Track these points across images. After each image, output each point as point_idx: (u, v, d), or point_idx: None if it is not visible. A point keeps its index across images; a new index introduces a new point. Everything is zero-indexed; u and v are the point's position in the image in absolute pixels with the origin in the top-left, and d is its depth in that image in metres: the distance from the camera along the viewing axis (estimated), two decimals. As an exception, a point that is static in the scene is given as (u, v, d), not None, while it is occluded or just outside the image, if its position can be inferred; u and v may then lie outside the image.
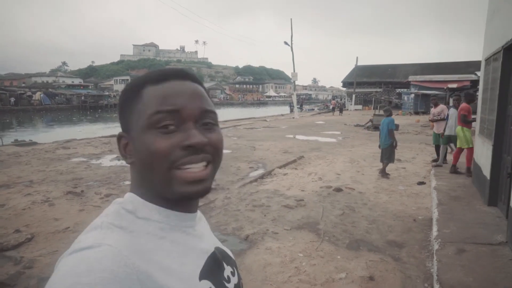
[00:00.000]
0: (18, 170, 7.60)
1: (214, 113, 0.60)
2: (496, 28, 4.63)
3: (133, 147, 0.59)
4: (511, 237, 3.21)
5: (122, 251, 0.49)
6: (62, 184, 6.40)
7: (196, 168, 0.55)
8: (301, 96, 63.40)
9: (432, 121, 8.74)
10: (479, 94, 5.85)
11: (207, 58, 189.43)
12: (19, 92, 44.67)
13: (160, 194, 0.58)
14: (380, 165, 7.76)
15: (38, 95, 45.02)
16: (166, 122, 0.55)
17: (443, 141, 7.77)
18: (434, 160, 8.21)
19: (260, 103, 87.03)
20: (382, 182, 6.84)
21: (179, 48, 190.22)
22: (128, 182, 6.66)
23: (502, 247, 3.26)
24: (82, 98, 49.18)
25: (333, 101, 38.75)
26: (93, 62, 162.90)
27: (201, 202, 5.40)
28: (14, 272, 3.19)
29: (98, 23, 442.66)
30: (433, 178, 6.35)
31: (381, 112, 20.27)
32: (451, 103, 9.31)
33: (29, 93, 45.66)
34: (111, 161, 8.99)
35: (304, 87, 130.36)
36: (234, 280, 0.66)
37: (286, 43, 26.96)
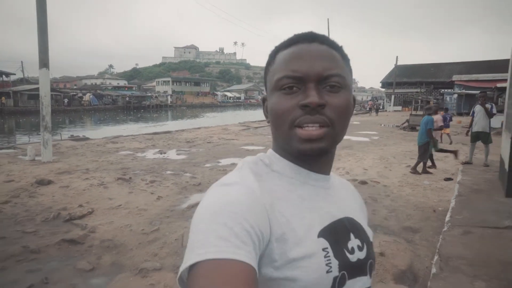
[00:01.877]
0: (76, 160, 8.62)
1: (340, 76, 0.60)
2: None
3: (268, 107, 0.65)
4: (516, 221, 3.44)
5: (256, 191, 0.56)
6: (113, 172, 7.26)
7: (311, 127, 0.58)
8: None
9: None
10: (507, 89, 5.93)
11: (245, 59, 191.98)
12: (72, 93, 48.32)
13: (284, 149, 0.64)
14: (409, 162, 7.92)
15: (87, 96, 48.40)
16: (289, 85, 0.59)
17: (471, 139, 7.77)
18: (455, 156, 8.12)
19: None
20: (408, 177, 7.04)
21: (218, 50, 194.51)
22: (169, 172, 7.39)
23: (507, 230, 3.50)
24: (127, 99, 52.05)
25: (370, 102, 38.23)
26: (136, 64, 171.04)
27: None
28: (82, 234, 3.93)
29: (142, 27, 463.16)
30: (460, 173, 6.47)
31: (419, 112, 19.84)
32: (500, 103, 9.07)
33: (80, 95, 49.23)
34: (154, 154, 9.86)
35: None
36: (360, 254, 0.63)
37: (322, 43, 27.06)
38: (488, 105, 7.55)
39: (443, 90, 35.90)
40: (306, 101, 0.57)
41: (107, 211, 4.85)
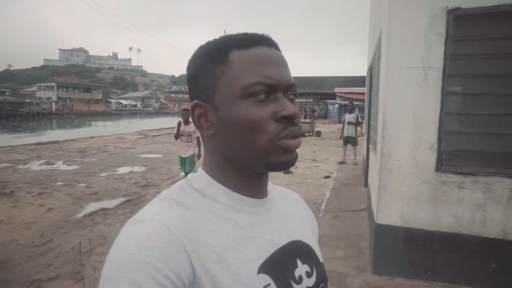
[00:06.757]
0: None
1: (297, 86, 0.58)
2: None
3: (217, 117, 0.55)
4: (367, 204, 4.40)
5: (172, 229, 0.48)
6: (-11, 186, 6.48)
7: (294, 139, 0.54)
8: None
9: None
10: (365, 102, 7.28)
11: (141, 66, 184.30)
12: None
13: (248, 166, 0.56)
14: (297, 164, 8.90)
15: None
16: (261, 92, 0.52)
17: (343, 142, 9.24)
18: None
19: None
20: (295, 176, 8.00)
21: (111, 55, 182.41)
22: (60, 183, 6.93)
23: (362, 212, 4.44)
24: (-2, 105, 45.07)
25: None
26: (9, 66, 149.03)
27: (133, 195, 5.97)
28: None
29: (17, 24, 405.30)
30: (336, 172, 7.66)
31: (307, 120, 22.20)
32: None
33: None
34: (40, 165, 9.01)
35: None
36: (309, 282, 0.58)
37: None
38: (354, 114, 9.06)
39: (327, 100, 40.37)
40: (289, 112, 0.52)
41: (-15, 228, 4.41)
